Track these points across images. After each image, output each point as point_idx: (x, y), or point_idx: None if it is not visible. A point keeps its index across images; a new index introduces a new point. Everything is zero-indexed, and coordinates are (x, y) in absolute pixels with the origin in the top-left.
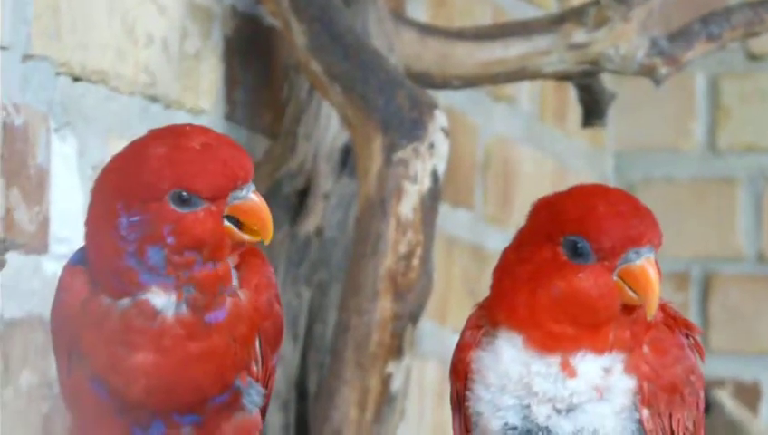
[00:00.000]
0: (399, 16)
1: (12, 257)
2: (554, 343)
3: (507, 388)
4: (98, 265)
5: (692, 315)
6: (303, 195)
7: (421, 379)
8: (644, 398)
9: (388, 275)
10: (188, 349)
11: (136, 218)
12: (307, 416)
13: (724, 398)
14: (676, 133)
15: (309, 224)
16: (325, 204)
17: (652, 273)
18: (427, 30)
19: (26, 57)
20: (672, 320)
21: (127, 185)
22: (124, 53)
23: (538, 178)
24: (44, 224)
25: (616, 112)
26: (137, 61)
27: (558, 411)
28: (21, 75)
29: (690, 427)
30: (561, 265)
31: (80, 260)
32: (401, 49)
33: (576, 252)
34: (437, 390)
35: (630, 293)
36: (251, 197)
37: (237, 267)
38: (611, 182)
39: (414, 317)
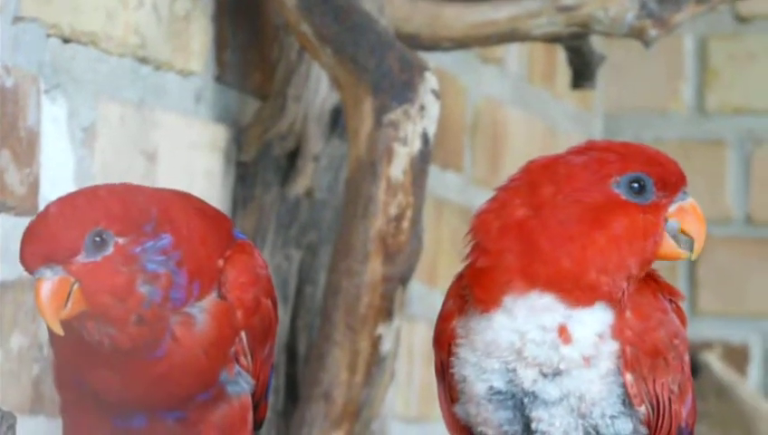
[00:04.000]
0: None
1: (2, 220)
2: (592, 294)
3: (494, 353)
4: None
5: (681, 278)
6: (293, 156)
7: (410, 341)
8: (627, 362)
9: (378, 237)
10: (142, 374)
11: None
12: (297, 378)
13: (713, 360)
14: (664, 95)
15: (299, 185)
16: (315, 166)
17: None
18: None
19: (17, 19)
20: (655, 284)
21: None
22: (114, 14)
23: (527, 141)
24: (34, 186)
25: (605, 74)
26: (127, 22)
27: (544, 376)
28: (11, 37)
29: (675, 390)
30: (622, 205)
31: None
32: (391, 11)
33: (636, 190)
34: (426, 351)
35: (673, 244)
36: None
37: (224, 266)
38: None
39: (404, 279)
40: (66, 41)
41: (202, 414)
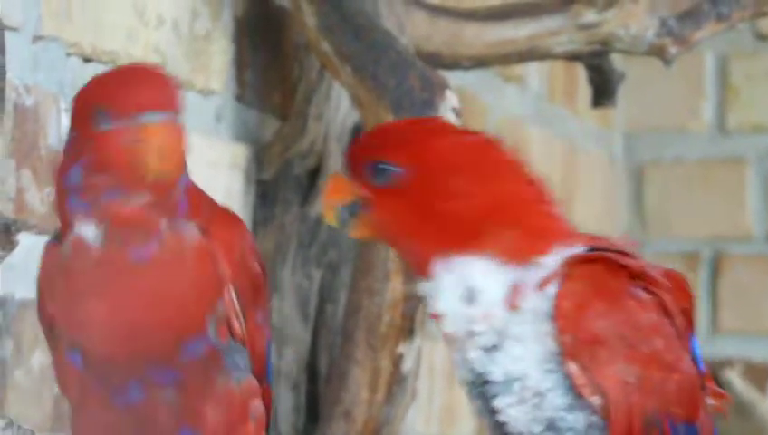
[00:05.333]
0: None
1: (23, 238)
2: None
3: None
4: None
5: (702, 296)
6: (314, 175)
7: (431, 359)
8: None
9: (398, 256)
10: (130, 285)
11: (70, 136)
12: (318, 397)
13: (734, 378)
14: (685, 113)
15: (319, 204)
16: None
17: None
18: (437, 10)
19: (37, 38)
20: (622, 270)
21: (74, 107)
22: (135, 33)
23: (548, 159)
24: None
25: (625, 92)
26: (147, 42)
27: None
28: (31, 56)
29: (631, 380)
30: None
31: (53, 236)
32: (411, 30)
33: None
34: (447, 370)
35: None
36: (160, 120)
37: (207, 226)
38: (621, 163)
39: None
40: (87, 60)
41: (199, 383)
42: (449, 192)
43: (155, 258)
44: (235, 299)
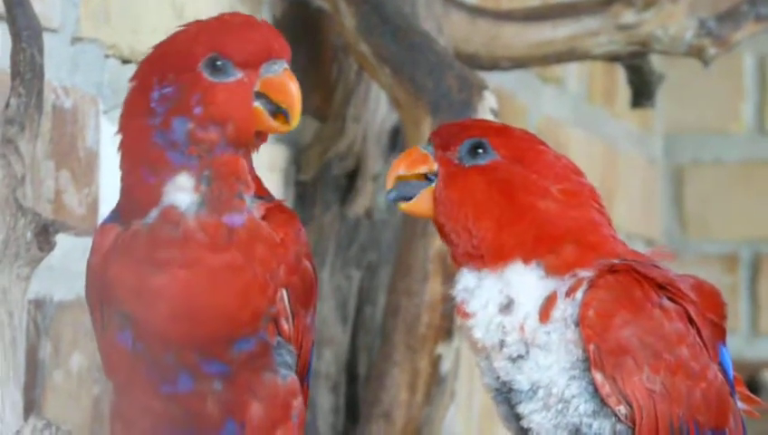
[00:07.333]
0: None
1: (61, 240)
2: None
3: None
4: (128, 159)
5: (741, 297)
6: (353, 176)
7: (471, 360)
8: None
9: (437, 257)
10: (212, 261)
11: (168, 89)
12: (357, 398)
13: None
14: (724, 115)
15: (358, 205)
16: (374, 186)
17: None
18: (475, 11)
19: (75, 39)
20: (646, 281)
21: (162, 57)
22: None
23: (587, 160)
24: (94, 206)
25: (665, 94)
26: None
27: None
28: (70, 58)
29: (656, 388)
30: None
31: (110, 218)
32: (450, 31)
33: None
34: None
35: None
36: (283, 74)
37: (266, 219)
38: (660, 164)
39: None
40: (125, 61)
41: (247, 379)
42: (538, 192)
43: (238, 230)
44: (286, 301)
